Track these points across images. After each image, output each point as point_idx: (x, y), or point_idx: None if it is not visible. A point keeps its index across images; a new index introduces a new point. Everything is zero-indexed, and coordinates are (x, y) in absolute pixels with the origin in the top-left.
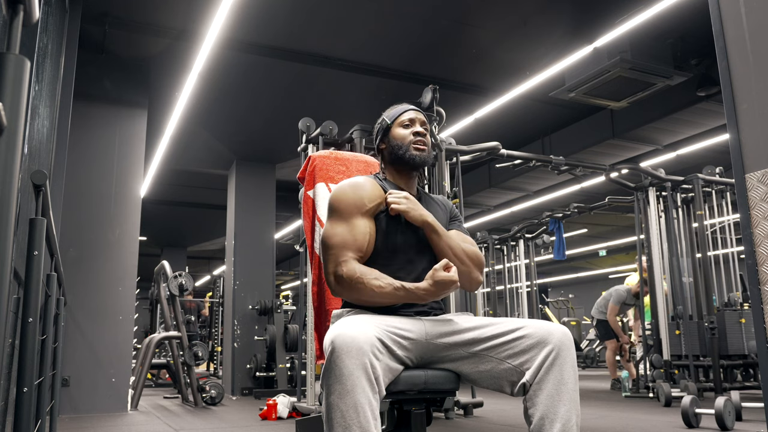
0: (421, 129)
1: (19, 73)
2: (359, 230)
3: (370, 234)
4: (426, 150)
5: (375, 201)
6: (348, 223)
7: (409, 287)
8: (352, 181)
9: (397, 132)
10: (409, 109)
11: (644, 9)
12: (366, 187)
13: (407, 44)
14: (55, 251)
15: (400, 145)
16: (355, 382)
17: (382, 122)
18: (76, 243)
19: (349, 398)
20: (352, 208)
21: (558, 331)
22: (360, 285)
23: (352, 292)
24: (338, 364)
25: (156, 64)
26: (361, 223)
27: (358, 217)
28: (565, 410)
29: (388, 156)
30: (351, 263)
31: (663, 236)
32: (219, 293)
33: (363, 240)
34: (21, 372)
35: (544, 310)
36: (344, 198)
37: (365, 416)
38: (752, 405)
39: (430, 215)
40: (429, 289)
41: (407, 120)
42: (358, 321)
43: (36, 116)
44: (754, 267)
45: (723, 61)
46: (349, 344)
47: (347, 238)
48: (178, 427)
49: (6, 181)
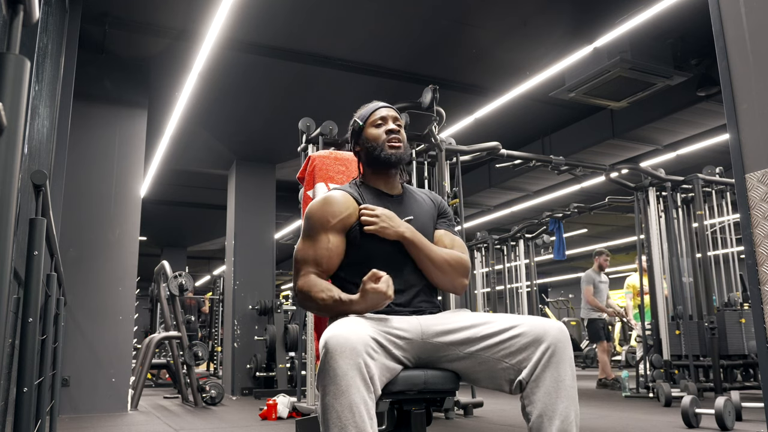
0: (394, 126)
1: (19, 73)
2: (321, 246)
3: (333, 249)
4: (401, 147)
5: (341, 215)
6: (311, 240)
7: (345, 299)
8: (324, 196)
9: (370, 132)
10: (379, 107)
11: (644, 9)
12: (333, 201)
13: (407, 44)
14: (55, 251)
15: (374, 146)
16: (350, 382)
17: (354, 124)
18: (76, 243)
19: (344, 398)
20: (317, 224)
21: (554, 327)
22: (309, 296)
23: (305, 303)
24: (332, 365)
25: (156, 64)
26: (324, 239)
27: (322, 234)
28: (563, 407)
29: (364, 158)
30: (306, 277)
31: (663, 236)
32: (219, 293)
33: (323, 255)
34: (21, 372)
35: (544, 310)
36: (311, 215)
37: (360, 416)
38: (752, 405)
39: (408, 228)
40: (358, 300)
41: (379, 119)
42: (353, 321)
43: (36, 116)
44: (754, 267)
45: (723, 61)
46: (342, 345)
47: (308, 254)
48: (178, 427)
49: (6, 181)
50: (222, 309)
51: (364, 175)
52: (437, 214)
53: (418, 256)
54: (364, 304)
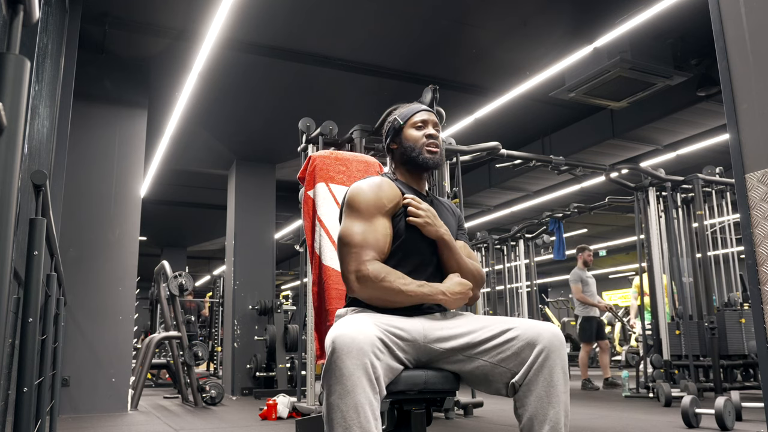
0: (434, 131)
1: (19, 73)
2: (380, 230)
3: (389, 235)
4: (438, 153)
5: (393, 201)
6: (369, 223)
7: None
8: (370, 180)
9: (409, 133)
10: (422, 109)
11: (644, 9)
12: (384, 187)
13: (407, 44)
14: (55, 251)
15: (412, 147)
16: (356, 382)
17: (394, 122)
18: (76, 243)
19: (349, 398)
20: (372, 208)
21: (547, 331)
22: (386, 284)
23: (376, 292)
24: (338, 365)
25: (156, 64)
26: (381, 223)
27: (378, 217)
28: (554, 412)
29: (399, 157)
30: (375, 263)
31: (663, 236)
32: (219, 293)
33: (384, 241)
34: (21, 372)
35: (544, 310)
36: (364, 197)
37: (366, 416)
38: (752, 405)
39: (446, 230)
40: (448, 301)
41: (420, 121)
42: (359, 321)
43: (36, 116)
44: (754, 267)
45: (723, 61)
46: (349, 345)
47: (369, 238)
48: (178, 427)
49: (6, 181)
50: (222, 309)
51: (397, 172)
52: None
53: (450, 260)
54: (454, 305)
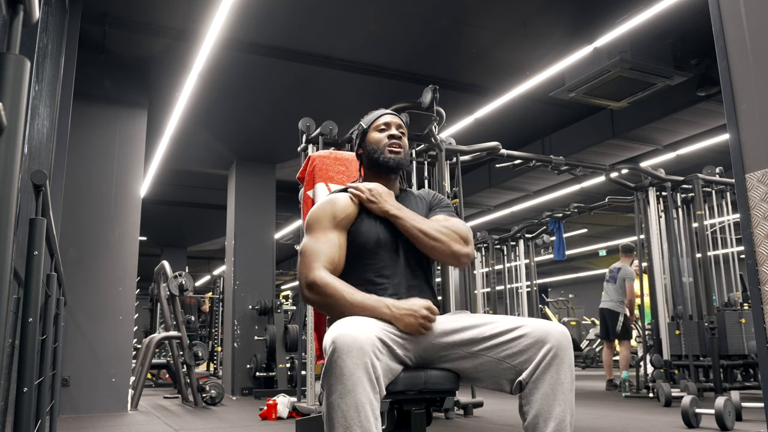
0: (397, 132)
1: (19, 73)
2: (330, 242)
3: (340, 246)
4: (401, 152)
5: (346, 211)
6: (321, 236)
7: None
8: (327, 197)
9: (372, 136)
10: (384, 113)
11: (644, 9)
12: (337, 200)
13: (407, 44)
14: (55, 251)
15: (375, 149)
16: (356, 381)
17: (359, 127)
18: (76, 243)
19: (350, 398)
20: (325, 222)
21: (556, 330)
22: (330, 291)
23: (321, 298)
24: (339, 364)
25: (156, 64)
26: (333, 235)
27: (330, 230)
28: (560, 410)
29: (366, 161)
30: (322, 271)
31: (663, 236)
32: (219, 293)
33: (333, 252)
34: (21, 372)
35: (544, 310)
36: (315, 215)
37: (366, 416)
38: (752, 405)
39: (394, 205)
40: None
41: (383, 124)
42: (359, 321)
43: (36, 116)
44: (754, 267)
45: (723, 61)
46: (350, 344)
47: (320, 248)
48: (178, 427)
49: (6, 181)
50: (222, 309)
51: (365, 178)
52: (430, 207)
53: (406, 227)
54: (400, 323)
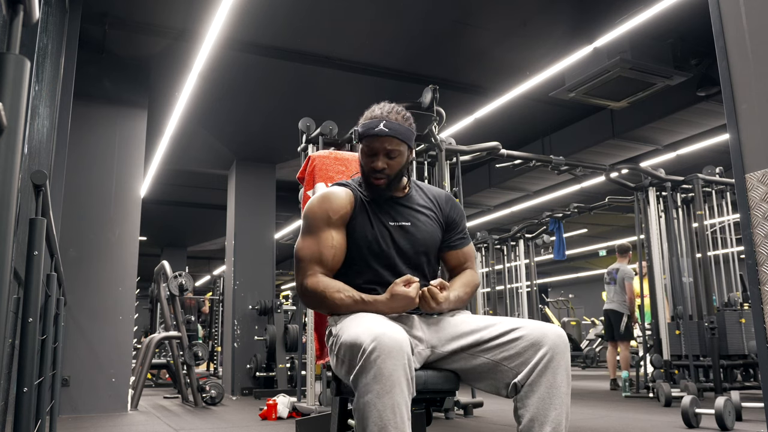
0: (380, 164)
1: (19, 73)
2: (325, 243)
3: (337, 246)
4: (383, 183)
5: (340, 211)
6: (315, 237)
7: (368, 299)
8: (322, 193)
9: (362, 152)
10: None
11: (644, 9)
12: (332, 198)
13: (407, 44)
14: (55, 251)
15: (363, 168)
16: (395, 382)
17: (354, 133)
18: (76, 243)
19: (387, 398)
20: (319, 221)
21: (553, 333)
22: (323, 296)
23: (316, 303)
24: (379, 365)
25: (156, 64)
26: (327, 235)
27: (325, 230)
28: (555, 414)
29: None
30: (315, 277)
31: (663, 236)
32: (219, 293)
33: (329, 253)
34: (21, 372)
35: (544, 310)
36: (311, 212)
37: (402, 417)
38: (752, 405)
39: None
40: (385, 302)
41: (367, 149)
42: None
43: (36, 116)
44: (754, 267)
45: (723, 61)
46: (391, 345)
47: (313, 251)
48: (178, 427)
49: (6, 181)
50: (222, 309)
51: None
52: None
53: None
54: (391, 306)
